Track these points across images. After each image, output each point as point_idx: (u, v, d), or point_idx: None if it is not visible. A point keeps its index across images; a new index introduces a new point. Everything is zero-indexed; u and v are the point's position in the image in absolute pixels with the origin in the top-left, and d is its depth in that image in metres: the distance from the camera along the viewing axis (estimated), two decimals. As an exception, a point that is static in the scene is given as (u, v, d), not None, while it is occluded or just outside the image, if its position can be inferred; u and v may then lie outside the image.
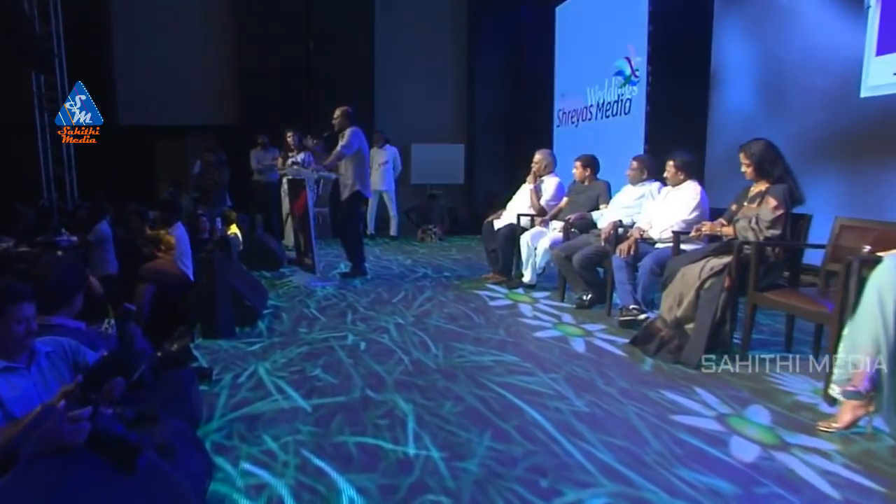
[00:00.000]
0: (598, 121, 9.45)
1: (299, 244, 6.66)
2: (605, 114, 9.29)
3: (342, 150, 6.47)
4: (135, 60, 10.89)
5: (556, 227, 5.93)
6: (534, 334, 4.60)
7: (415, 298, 5.75)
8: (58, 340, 2.54)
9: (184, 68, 10.98)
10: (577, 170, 6.01)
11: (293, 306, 5.47)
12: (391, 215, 10.40)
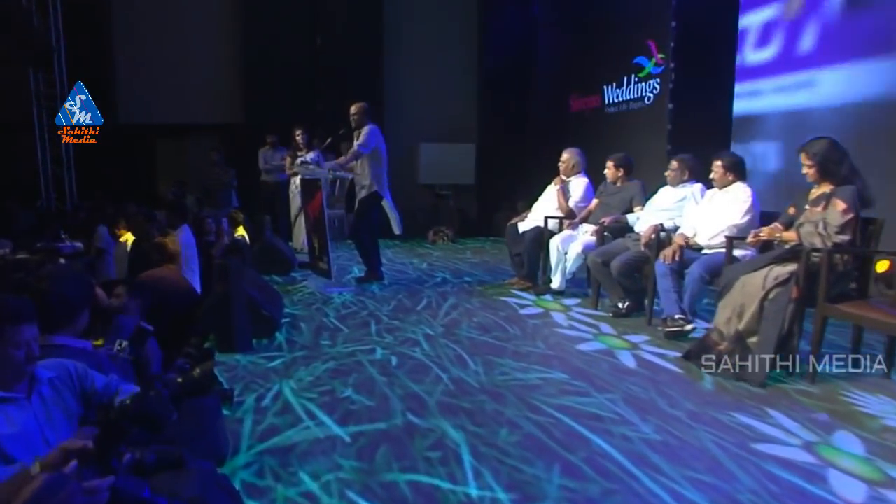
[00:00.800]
0: (616, 118, 9.08)
1: (313, 247, 6.27)
2: (624, 111, 8.92)
3: (359, 148, 6.09)
4: (135, 56, 10.47)
5: (588, 231, 5.56)
6: (576, 347, 4.23)
7: (439, 306, 5.38)
8: (62, 364, 2.16)
9: (186, 65, 10.57)
10: (610, 170, 5.65)
11: (311, 315, 5.09)
12: (391, 215, 9.94)
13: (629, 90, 8.78)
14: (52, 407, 2.09)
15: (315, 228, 6.12)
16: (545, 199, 6.20)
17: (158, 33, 10.47)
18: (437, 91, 11.25)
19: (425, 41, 11.29)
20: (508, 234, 6.37)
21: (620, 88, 8.97)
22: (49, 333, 2.35)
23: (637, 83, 8.61)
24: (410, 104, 11.05)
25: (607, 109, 9.33)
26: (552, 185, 6.18)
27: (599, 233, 5.35)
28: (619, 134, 8.98)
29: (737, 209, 4.38)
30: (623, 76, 8.88)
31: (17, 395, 2.00)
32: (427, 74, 11.18)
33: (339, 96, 10.65)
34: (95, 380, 2.18)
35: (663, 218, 4.91)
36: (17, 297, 2.30)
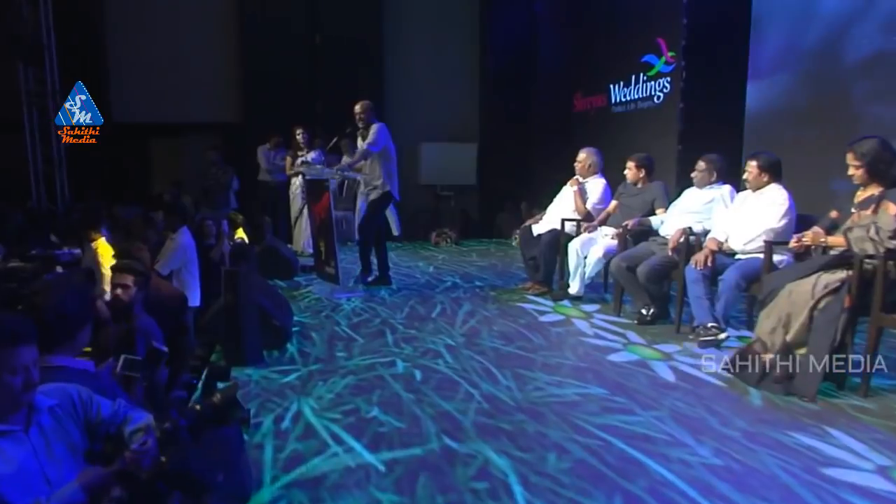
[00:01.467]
0: (623, 118, 8.85)
1: (319, 251, 5.97)
2: (632, 111, 8.69)
3: (368, 147, 5.81)
4: (130, 53, 10.10)
5: (608, 234, 5.31)
6: (607, 358, 3.97)
7: (455, 314, 5.10)
8: (64, 390, 1.87)
9: (182, 62, 10.20)
10: (631, 170, 5.39)
11: (321, 323, 4.80)
12: (390, 216, 9.62)
13: (637, 89, 8.54)
14: (53, 440, 1.81)
15: (321, 231, 5.83)
16: (561, 200, 5.94)
17: (153, 29, 10.11)
18: (439, 90, 10.96)
19: (426, 39, 11.00)
20: (522, 237, 6.11)
21: (628, 87, 8.74)
22: (47, 353, 2.06)
23: (646, 82, 8.37)
24: (411, 103, 10.76)
25: (614, 109, 9.09)
26: (568, 186, 5.93)
27: (622, 236, 5.10)
28: (626, 134, 8.73)
29: (773, 212, 4.14)
30: (630, 75, 8.64)
31: (13, 428, 1.73)
32: (428, 73, 10.89)
33: (338, 96, 10.34)
34: (102, 407, 1.90)
35: (691, 221, 4.66)
36: (13, 314, 2.02)
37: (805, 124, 6.69)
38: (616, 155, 7.02)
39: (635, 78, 8.56)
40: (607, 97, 9.19)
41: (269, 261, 6.63)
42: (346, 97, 10.28)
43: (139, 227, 6.16)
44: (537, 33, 10.93)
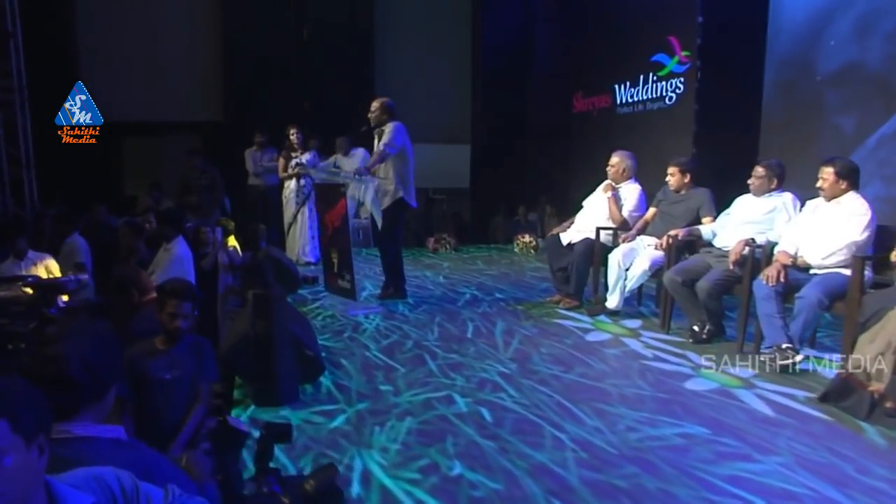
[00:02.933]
0: (630, 119, 8.48)
1: (330, 263, 5.41)
2: (640, 112, 8.32)
3: (385, 149, 5.28)
4: (102, 47, 9.31)
5: (650, 244, 4.89)
6: (684, 386, 3.54)
7: (491, 333, 4.62)
8: (100, 478, 1.31)
9: (158, 57, 9.49)
10: (674, 176, 4.98)
11: (347, 347, 4.25)
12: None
13: (646, 89, 8.19)
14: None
15: (334, 241, 5.27)
16: (592, 207, 5.50)
17: (128, 22, 9.37)
18: (431, 89, 10.46)
19: (418, 37, 10.49)
20: (549, 247, 5.65)
21: (636, 87, 8.38)
22: (67, 420, 1.51)
23: (656, 82, 8.02)
24: (402, 102, 10.07)
25: (619, 110, 8.72)
26: (601, 192, 5.49)
27: (670, 247, 4.68)
28: (633, 135, 8.35)
29: (855, 224, 3.77)
30: (639, 74, 8.28)
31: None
32: (420, 71, 10.37)
33: (326, 93, 9.80)
34: (152, 499, 1.36)
35: (751, 232, 4.26)
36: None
37: (825, 127, 6.43)
38: None
39: (643, 78, 8.21)
40: (612, 97, 8.82)
41: (265, 272, 6.03)
42: (334, 95, 9.81)
43: (127, 236, 5.50)
44: (532, 32, 10.50)
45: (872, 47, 5.88)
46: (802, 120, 6.60)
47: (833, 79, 6.27)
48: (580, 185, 9.64)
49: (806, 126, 6.55)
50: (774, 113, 6.95)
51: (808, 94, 6.53)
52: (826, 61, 6.35)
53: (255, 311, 3.15)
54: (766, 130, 7.03)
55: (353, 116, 9.57)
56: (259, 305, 3.15)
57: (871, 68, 5.89)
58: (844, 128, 6.24)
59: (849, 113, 6.15)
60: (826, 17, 6.35)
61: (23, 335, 2.40)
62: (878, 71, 5.84)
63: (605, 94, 8.96)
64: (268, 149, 8.28)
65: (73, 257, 5.51)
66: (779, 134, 6.83)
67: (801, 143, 6.51)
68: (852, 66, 6.07)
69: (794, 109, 6.72)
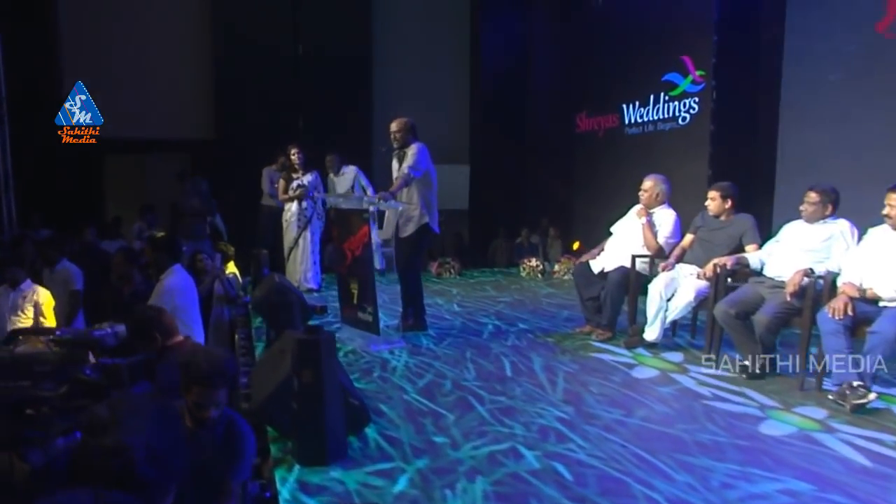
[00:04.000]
0: (640, 140, 8.34)
1: (349, 294, 5.08)
2: (650, 133, 8.19)
3: (409, 171, 5.02)
4: (85, 59, 8.88)
5: (692, 273, 4.67)
6: (758, 429, 3.31)
7: (529, 369, 4.35)
8: None
9: (146, 71, 9.09)
10: (714, 200, 4.79)
11: (381, 389, 3.94)
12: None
13: (657, 109, 8.06)
14: None
15: (353, 271, 4.95)
16: (624, 233, 5.28)
17: (113, 33, 8.98)
18: (429, 106, 10.15)
19: (415, 53, 10.27)
20: (579, 275, 5.41)
21: (646, 108, 8.24)
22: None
23: (667, 102, 7.89)
24: (400, 121, 9.95)
25: (628, 130, 8.58)
26: (631, 217, 5.28)
27: (716, 277, 4.47)
28: (643, 156, 8.23)
29: (928, 254, 3.60)
30: (648, 94, 8.15)
31: None
32: (417, 88, 10.12)
33: (323, 111, 9.52)
34: None
35: (807, 261, 4.08)
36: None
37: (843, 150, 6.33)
38: (631, 178, 6.48)
39: (654, 97, 8.08)
40: (619, 117, 8.68)
41: (273, 303, 5.68)
42: (330, 114, 9.52)
43: (121, 265, 5.13)
44: (532, 49, 10.37)
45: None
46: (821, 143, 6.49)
47: (857, 98, 6.18)
48: (585, 207, 9.54)
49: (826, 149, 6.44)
50: (792, 133, 6.84)
51: (829, 115, 6.43)
52: (847, 79, 6.26)
53: (301, 358, 2.83)
54: (784, 151, 6.93)
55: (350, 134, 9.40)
56: (306, 352, 2.82)
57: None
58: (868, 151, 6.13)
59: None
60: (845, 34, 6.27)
61: (49, 400, 2.06)
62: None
63: (613, 113, 8.82)
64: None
65: (69, 285, 5.14)
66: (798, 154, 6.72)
67: (822, 166, 6.40)
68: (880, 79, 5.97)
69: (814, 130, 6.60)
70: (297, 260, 7.22)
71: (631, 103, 8.47)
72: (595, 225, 9.15)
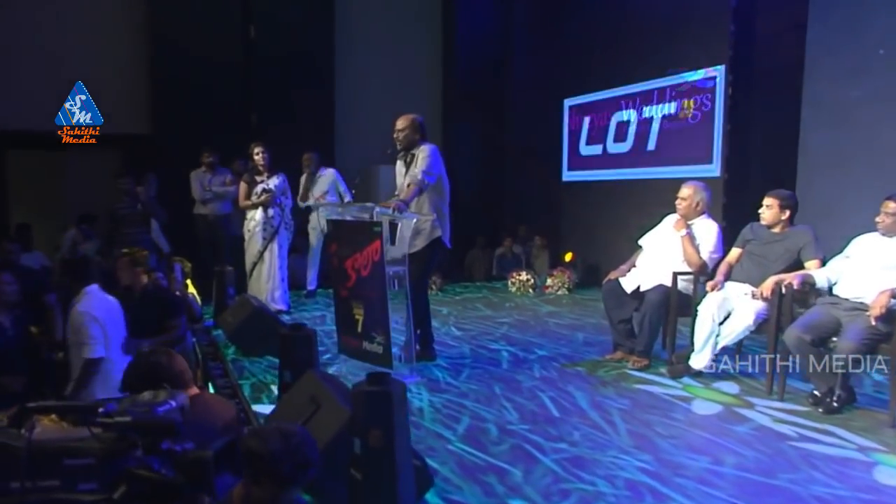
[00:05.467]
0: (643, 141, 8.28)
1: (350, 321, 4.71)
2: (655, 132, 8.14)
3: (424, 177, 4.70)
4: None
5: (746, 292, 4.55)
6: (874, 478, 3.16)
7: (575, 406, 4.12)
8: None
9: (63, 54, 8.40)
10: (772, 209, 4.67)
11: (419, 438, 3.58)
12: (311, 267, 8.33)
13: (662, 106, 8.01)
14: None
15: (359, 293, 4.59)
16: (657, 247, 5.12)
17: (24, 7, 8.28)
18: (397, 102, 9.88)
19: (384, 42, 9.97)
20: (608, 295, 5.21)
21: (648, 105, 8.19)
22: None
23: (674, 98, 7.86)
24: (366, 117, 9.63)
25: (626, 128, 8.52)
26: (665, 229, 5.13)
27: (776, 294, 4.35)
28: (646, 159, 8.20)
29: None
30: (652, 89, 8.11)
31: None
32: (385, 83, 9.82)
33: (279, 104, 9.09)
34: None
35: (890, 279, 4.00)
36: None
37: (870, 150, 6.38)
38: (630, 181, 6.33)
39: (658, 94, 8.04)
40: (612, 114, 8.63)
41: (254, 331, 5.26)
42: (287, 107, 9.09)
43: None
44: (512, 39, 10.21)
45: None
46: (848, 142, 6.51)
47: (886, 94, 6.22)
48: (575, 212, 9.43)
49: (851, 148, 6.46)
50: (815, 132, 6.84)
51: (854, 113, 6.45)
52: (875, 72, 6.28)
53: (369, 415, 2.48)
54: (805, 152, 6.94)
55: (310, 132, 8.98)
56: (375, 408, 2.47)
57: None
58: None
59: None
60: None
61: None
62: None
63: (608, 108, 8.76)
64: (219, 170, 7.48)
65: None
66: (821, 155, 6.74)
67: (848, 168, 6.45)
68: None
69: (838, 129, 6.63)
70: (262, 277, 6.77)
71: (631, 98, 8.41)
72: (589, 232, 9.09)
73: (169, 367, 2.65)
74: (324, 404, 2.90)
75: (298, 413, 3.02)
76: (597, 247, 8.91)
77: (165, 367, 2.63)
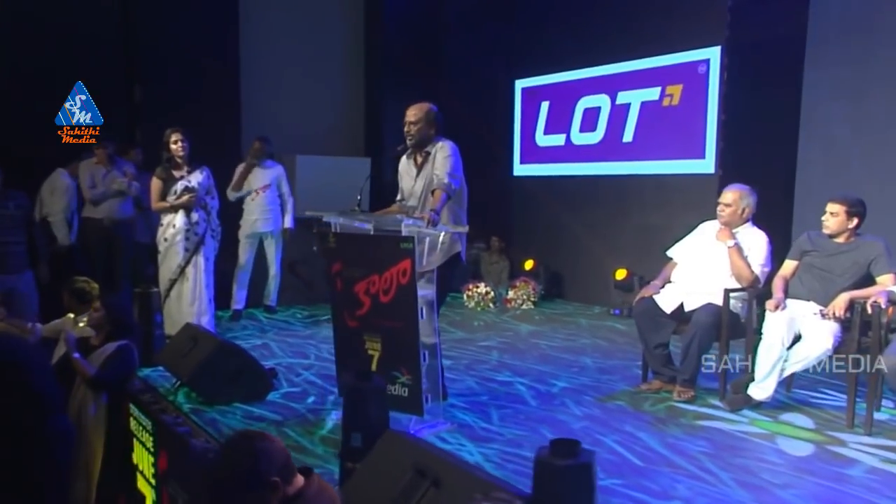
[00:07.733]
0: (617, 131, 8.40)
1: (362, 356, 4.37)
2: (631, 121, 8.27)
3: (450, 181, 4.45)
4: None
5: (815, 312, 4.66)
6: None
7: (653, 452, 4.05)
8: None
9: None
10: (837, 217, 4.78)
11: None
12: (271, 274, 7.99)
13: (643, 91, 8.15)
14: None
15: (376, 323, 4.25)
16: (698, 259, 5.15)
17: None
18: (314, 79, 9.54)
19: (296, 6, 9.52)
20: (642, 316, 5.17)
21: (624, 90, 8.32)
22: None
23: (655, 83, 8.02)
24: (277, 96, 9.17)
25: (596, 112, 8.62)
26: (707, 238, 5.18)
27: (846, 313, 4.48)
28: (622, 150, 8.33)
29: None
30: (632, 70, 8.22)
31: None
32: (299, 53, 9.39)
33: (168, 74, 8.41)
34: None
35: None
36: None
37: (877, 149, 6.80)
38: (607, 175, 6.33)
39: (640, 76, 8.17)
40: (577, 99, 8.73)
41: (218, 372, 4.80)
42: (179, 79, 8.44)
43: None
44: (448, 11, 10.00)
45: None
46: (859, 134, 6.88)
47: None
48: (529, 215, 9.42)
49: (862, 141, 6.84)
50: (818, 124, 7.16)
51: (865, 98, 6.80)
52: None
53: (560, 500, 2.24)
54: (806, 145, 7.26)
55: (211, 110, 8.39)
56: (569, 489, 2.24)
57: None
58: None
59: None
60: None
61: None
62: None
63: (569, 95, 8.82)
64: (119, 162, 6.83)
65: None
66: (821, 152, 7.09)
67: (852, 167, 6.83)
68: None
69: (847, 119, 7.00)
70: (185, 299, 6.25)
71: (602, 81, 8.50)
72: (550, 236, 9.12)
73: (269, 455, 2.16)
74: (444, 478, 2.64)
75: (402, 492, 2.74)
76: (561, 253, 8.96)
77: (267, 455, 2.15)
